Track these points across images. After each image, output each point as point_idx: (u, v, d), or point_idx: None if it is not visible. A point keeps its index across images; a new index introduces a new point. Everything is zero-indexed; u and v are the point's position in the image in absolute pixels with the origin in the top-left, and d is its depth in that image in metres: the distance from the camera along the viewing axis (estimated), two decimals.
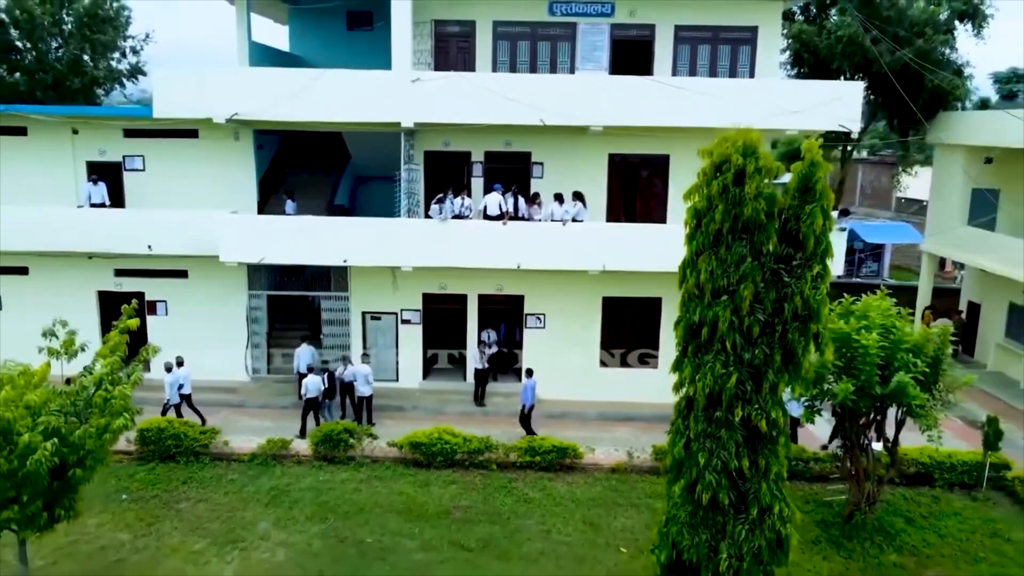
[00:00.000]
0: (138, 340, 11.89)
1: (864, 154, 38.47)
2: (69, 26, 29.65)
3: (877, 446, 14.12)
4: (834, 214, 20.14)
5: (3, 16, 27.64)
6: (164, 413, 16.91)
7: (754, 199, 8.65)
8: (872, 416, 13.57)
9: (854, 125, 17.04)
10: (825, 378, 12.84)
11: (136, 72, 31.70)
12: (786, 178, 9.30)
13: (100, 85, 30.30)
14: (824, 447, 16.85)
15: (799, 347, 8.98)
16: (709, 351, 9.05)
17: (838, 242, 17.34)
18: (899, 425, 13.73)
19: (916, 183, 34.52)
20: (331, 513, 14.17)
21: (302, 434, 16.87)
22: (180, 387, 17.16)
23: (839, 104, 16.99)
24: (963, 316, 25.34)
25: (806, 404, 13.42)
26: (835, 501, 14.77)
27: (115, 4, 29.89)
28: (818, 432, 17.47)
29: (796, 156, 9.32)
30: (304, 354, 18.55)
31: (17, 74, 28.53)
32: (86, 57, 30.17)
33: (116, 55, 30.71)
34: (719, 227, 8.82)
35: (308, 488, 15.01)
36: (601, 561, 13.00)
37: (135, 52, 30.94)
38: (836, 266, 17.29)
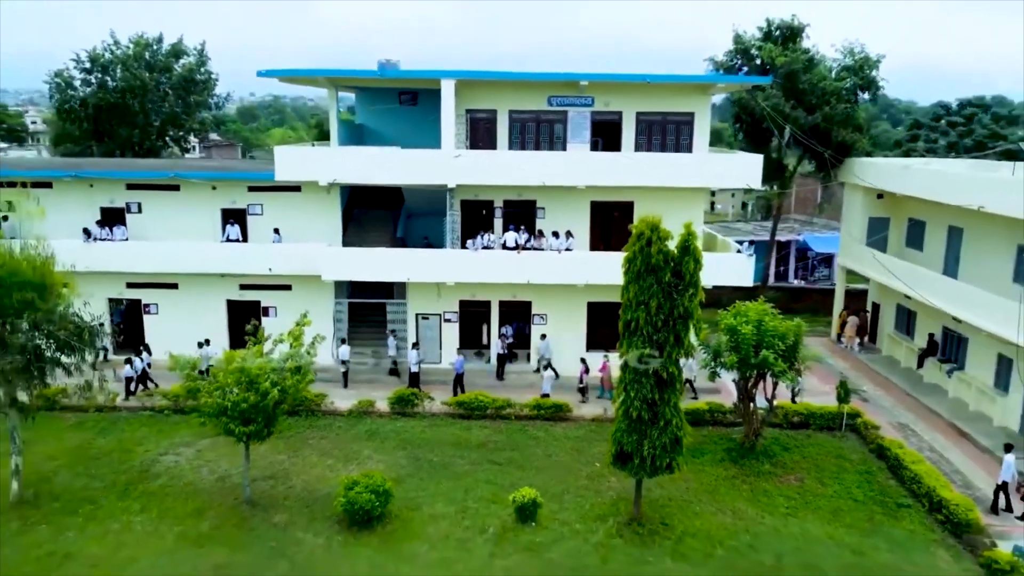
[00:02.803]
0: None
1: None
2: (164, 85, 37.33)
3: (761, 399, 21.80)
4: (745, 245, 28.05)
5: (122, 84, 35.35)
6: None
7: (657, 254, 16.23)
8: (756, 379, 21.19)
9: (756, 183, 24.72)
10: (721, 353, 20.52)
11: (219, 123, 39.51)
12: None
13: (196, 134, 38.08)
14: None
15: (683, 332, 16.57)
16: (635, 336, 16.67)
17: (748, 263, 25.15)
18: (774, 385, 21.38)
19: None
20: (409, 444, 21.85)
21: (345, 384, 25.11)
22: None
23: (748, 167, 24.70)
24: (868, 314, 32.99)
25: (711, 370, 21.13)
26: (737, 438, 22.40)
27: (203, 68, 37.57)
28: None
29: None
30: (391, 342, 26.39)
31: (123, 128, 36.16)
32: (177, 110, 37.89)
33: (203, 110, 38.42)
34: (639, 268, 16.39)
35: (391, 430, 22.72)
36: (583, 470, 20.67)
37: (218, 107, 38.67)
38: (745, 278, 25.10)
